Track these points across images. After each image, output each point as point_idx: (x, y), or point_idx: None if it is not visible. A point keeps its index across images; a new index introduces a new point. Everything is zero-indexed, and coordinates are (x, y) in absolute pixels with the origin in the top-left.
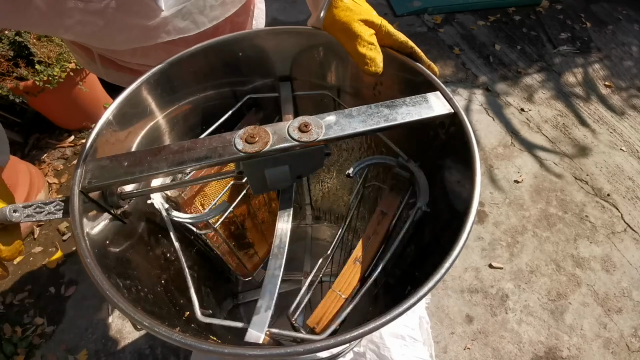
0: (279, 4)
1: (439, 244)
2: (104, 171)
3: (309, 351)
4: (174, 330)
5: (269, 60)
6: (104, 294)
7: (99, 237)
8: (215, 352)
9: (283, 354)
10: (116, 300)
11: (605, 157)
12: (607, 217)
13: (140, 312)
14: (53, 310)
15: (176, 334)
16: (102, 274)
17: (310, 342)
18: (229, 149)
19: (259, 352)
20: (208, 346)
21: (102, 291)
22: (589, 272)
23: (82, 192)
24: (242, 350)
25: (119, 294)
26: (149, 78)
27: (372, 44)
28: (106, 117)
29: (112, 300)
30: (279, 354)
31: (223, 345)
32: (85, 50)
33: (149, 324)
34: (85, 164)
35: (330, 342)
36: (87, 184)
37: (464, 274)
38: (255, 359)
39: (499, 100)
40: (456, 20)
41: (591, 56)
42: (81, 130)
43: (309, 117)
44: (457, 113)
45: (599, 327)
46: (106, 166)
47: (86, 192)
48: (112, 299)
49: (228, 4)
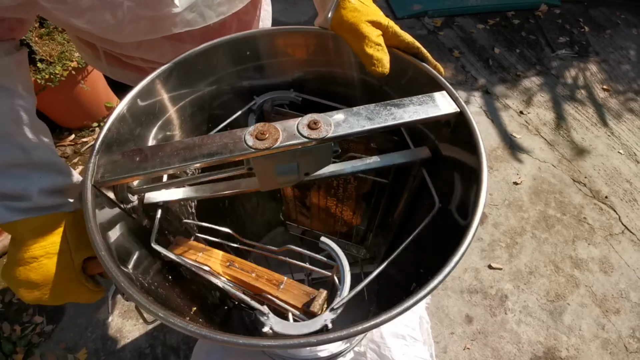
0: (281, 5)
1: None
2: (116, 166)
3: (321, 342)
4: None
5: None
6: (119, 285)
7: (110, 231)
8: (230, 343)
9: (296, 344)
10: (131, 292)
11: (603, 160)
12: (605, 219)
13: (155, 304)
14: (52, 309)
15: (191, 324)
16: (116, 266)
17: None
18: (240, 145)
19: (272, 343)
20: (222, 336)
21: (117, 283)
22: (587, 273)
23: (95, 187)
24: (256, 341)
25: (133, 287)
26: (160, 74)
27: (379, 44)
28: (118, 112)
29: (128, 292)
30: (292, 344)
31: (237, 336)
32: (91, 47)
33: (163, 315)
34: (98, 158)
35: (343, 334)
36: (99, 178)
37: (463, 275)
38: (268, 349)
39: (498, 102)
40: (456, 23)
41: (589, 60)
42: (82, 128)
43: (318, 115)
44: (464, 112)
45: (597, 327)
46: (118, 161)
47: (98, 187)
48: (128, 291)
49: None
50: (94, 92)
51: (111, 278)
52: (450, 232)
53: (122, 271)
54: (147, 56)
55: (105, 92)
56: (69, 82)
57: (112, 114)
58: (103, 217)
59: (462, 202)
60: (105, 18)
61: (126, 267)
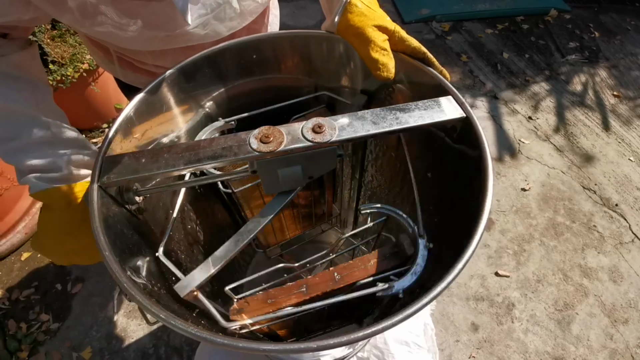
0: (288, 9)
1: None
2: (122, 167)
3: (321, 347)
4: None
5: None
6: (122, 286)
7: (115, 231)
8: (230, 346)
9: (296, 349)
10: (134, 292)
11: (614, 167)
12: (615, 228)
13: (157, 305)
14: (59, 307)
15: (191, 327)
16: (120, 267)
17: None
18: (244, 148)
19: (272, 347)
20: (223, 340)
21: (120, 284)
22: (596, 282)
23: (101, 187)
24: (256, 344)
25: (135, 287)
26: (167, 77)
27: (384, 49)
28: (125, 114)
29: (130, 292)
30: (292, 349)
31: (237, 339)
32: (104, 51)
33: (165, 317)
34: (104, 160)
35: (344, 340)
36: (105, 180)
37: (469, 282)
38: (268, 353)
39: (506, 107)
40: (464, 28)
41: (599, 66)
42: (92, 129)
43: (323, 119)
44: (469, 117)
45: (605, 337)
46: (124, 162)
47: (104, 188)
48: (130, 292)
49: (246, 14)
50: (104, 94)
51: (114, 279)
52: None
53: (125, 272)
54: (160, 63)
55: (115, 93)
56: (79, 84)
57: (120, 116)
58: (108, 217)
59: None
60: (120, 36)
61: (129, 269)
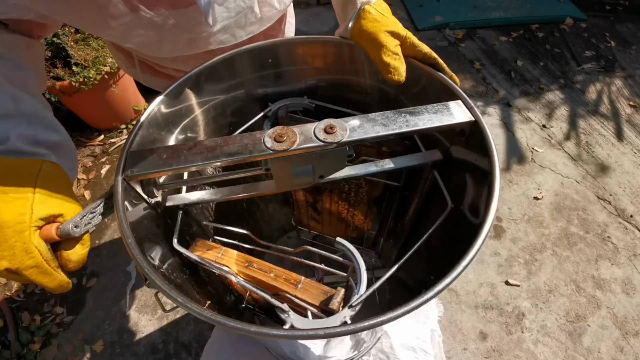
0: (303, 16)
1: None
2: (145, 162)
3: (328, 335)
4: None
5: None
6: (142, 271)
7: (136, 221)
8: (242, 330)
9: (304, 335)
10: (154, 277)
11: (629, 178)
12: (629, 239)
13: (175, 290)
14: (73, 300)
15: (206, 310)
16: (141, 253)
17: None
18: (259, 147)
19: (282, 332)
20: (235, 324)
21: (141, 269)
22: (609, 294)
23: (125, 180)
24: (267, 330)
25: (155, 273)
26: (187, 79)
27: (396, 54)
28: (148, 113)
29: (151, 277)
30: (301, 335)
31: (249, 324)
32: (127, 55)
33: (182, 300)
34: (128, 154)
35: (350, 328)
36: (129, 173)
37: (479, 289)
38: (278, 338)
39: (519, 115)
40: (478, 35)
41: (615, 75)
42: (111, 130)
43: (335, 120)
44: (478, 121)
45: (615, 350)
46: (147, 157)
47: (128, 180)
48: (151, 276)
49: (265, 20)
50: (124, 96)
51: (136, 264)
52: (462, 236)
53: (145, 258)
54: (181, 67)
55: (134, 96)
56: (101, 86)
57: (143, 114)
58: (130, 208)
59: (474, 204)
60: (150, 38)
61: (149, 256)
